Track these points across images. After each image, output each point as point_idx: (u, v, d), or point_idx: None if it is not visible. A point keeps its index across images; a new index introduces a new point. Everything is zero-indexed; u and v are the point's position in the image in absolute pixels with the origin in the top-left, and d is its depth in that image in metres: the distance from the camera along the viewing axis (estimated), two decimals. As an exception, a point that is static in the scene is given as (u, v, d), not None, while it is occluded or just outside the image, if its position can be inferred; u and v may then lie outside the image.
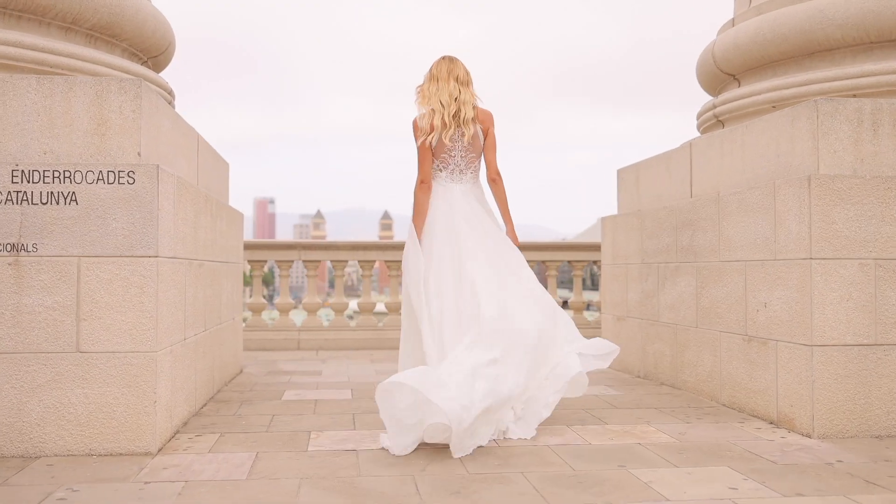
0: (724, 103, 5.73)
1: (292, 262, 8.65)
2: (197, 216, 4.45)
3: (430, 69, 4.34)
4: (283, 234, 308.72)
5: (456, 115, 4.21)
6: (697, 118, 6.31)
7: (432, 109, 4.22)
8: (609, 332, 6.89)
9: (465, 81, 4.28)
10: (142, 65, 4.98)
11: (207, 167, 5.35)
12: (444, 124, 4.19)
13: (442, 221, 4.23)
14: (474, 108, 4.30)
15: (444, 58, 4.36)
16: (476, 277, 4.05)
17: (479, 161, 4.38)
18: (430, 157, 4.25)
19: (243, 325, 8.44)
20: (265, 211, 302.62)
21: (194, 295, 4.38)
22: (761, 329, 4.38)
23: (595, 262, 9.23)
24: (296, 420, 4.31)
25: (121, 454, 3.50)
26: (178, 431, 3.98)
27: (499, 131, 4.43)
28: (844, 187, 3.94)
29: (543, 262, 9.09)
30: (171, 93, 5.18)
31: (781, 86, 5.19)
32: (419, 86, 4.35)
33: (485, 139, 4.34)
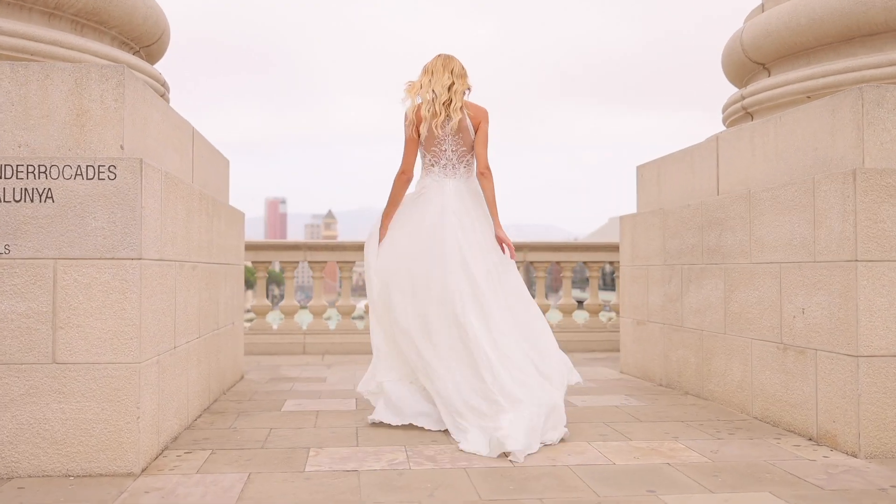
0: (752, 94, 5.38)
1: (298, 262, 8.35)
2: (190, 215, 4.15)
3: (425, 65, 4.33)
4: (295, 234, 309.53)
5: (446, 104, 4.18)
6: (723, 111, 5.97)
7: (421, 101, 4.23)
8: (628, 336, 6.56)
9: (459, 74, 4.26)
10: (133, 54, 4.68)
11: (204, 163, 5.05)
12: (433, 113, 4.17)
13: (432, 218, 4.16)
14: (467, 91, 4.29)
15: (439, 55, 4.34)
16: (465, 299, 3.99)
17: (472, 156, 4.30)
18: (416, 148, 4.26)
19: (247, 327, 8.15)
20: (276, 211, 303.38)
21: (186, 299, 4.08)
22: (798, 337, 4.04)
23: (611, 263, 8.89)
24: (294, 435, 4.00)
25: (101, 475, 3.19)
26: (166, 448, 3.68)
27: (507, 130, 4.24)
28: (894, 182, 3.59)
29: (558, 262, 8.75)
30: (164, 84, 4.88)
31: (817, 74, 4.84)
32: (409, 81, 4.33)
33: (476, 133, 4.26)
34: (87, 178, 3.19)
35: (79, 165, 3.19)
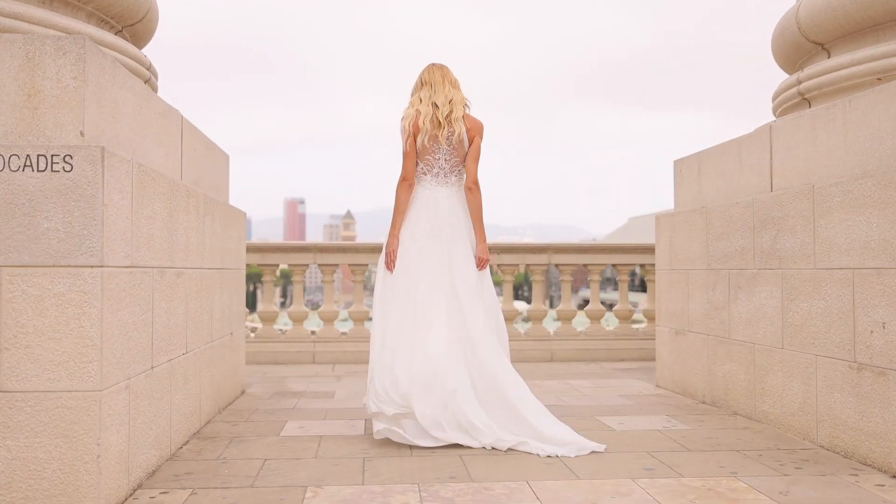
0: (811, 78, 4.78)
1: (307, 265, 7.83)
2: (174, 214, 3.64)
3: (421, 76, 4.36)
4: (314, 234, 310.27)
5: (448, 116, 4.22)
6: (773, 99, 5.37)
7: (418, 110, 4.23)
8: (665, 347, 5.97)
9: (457, 85, 4.34)
10: (116, 34, 4.18)
11: (196, 157, 4.54)
12: (437, 123, 4.21)
13: (425, 227, 4.22)
14: (465, 107, 4.32)
15: (434, 65, 4.39)
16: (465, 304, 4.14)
17: (463, 167, 4.34)
18: (415, 159, 4.27)
19: (251, 336, 7.66)
20: (295, 211, 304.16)
21: (168, 311, 3.56)
22: (877, 355, 3.45)
23: (641, 266, 8.30)
24: (291, 468, 3.47)
25: (54, 524, 2.68)
26: (139, 486, 3.15)
27: (523, 130, 4.08)
28: None
29: (585, 265, 8.17)
30: (151, 69, 4.37)
31: (891, 52, 4.24)
32: (406, 109, 4.34)
33: (469, 146, 4.29)
34: (38, 170, 2.68)
35: (28, 155, 2.68)
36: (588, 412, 4.86)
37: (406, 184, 4.26)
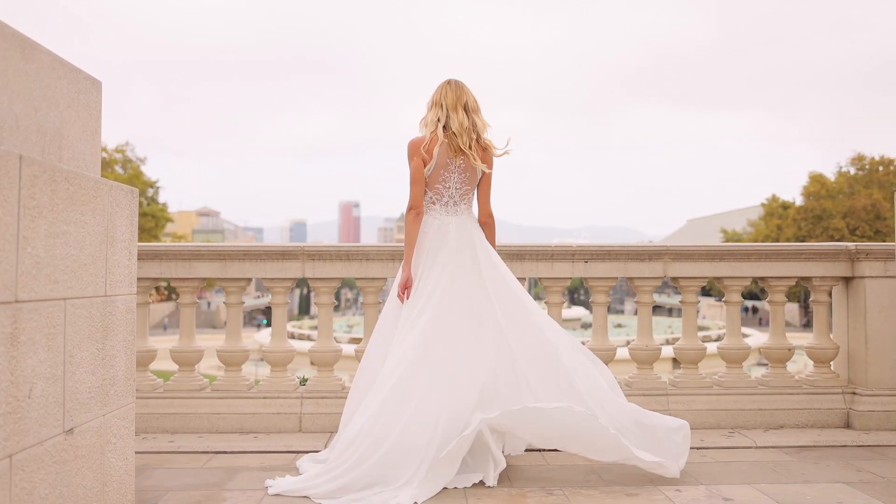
0: None
1: (295, 280, 5.15)
2: None
3: (434, 96, 4.10)
4: (368, 237, 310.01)
5: (461, 146, 4.00)
6: None
7: (435, 134, 4.01)
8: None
9: (474, 109, 4.07)
10: None
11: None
12: (455, 150, 4.00)
13: (443, 260, 3.97)
14: (487, 129, 4.09)
15: (449, 83, 4.10)
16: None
17: (473, 194, 4.15)
18: (424, 184, 4.05)
19: (205, 389, 5.02)
20: (350, 215, 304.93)
21: None
22: None
23: (803, 280, 5.38)
24: None
25: None
26: None
27: (578, 130, 1.35)
28: None
29: (717, 278, 5.30)
30: None
31: None
32: (423, 119, 4.14)
33: (482, 177, 4.11)
34: None
35: None
36: None
37: (416, 214, 4.05)
